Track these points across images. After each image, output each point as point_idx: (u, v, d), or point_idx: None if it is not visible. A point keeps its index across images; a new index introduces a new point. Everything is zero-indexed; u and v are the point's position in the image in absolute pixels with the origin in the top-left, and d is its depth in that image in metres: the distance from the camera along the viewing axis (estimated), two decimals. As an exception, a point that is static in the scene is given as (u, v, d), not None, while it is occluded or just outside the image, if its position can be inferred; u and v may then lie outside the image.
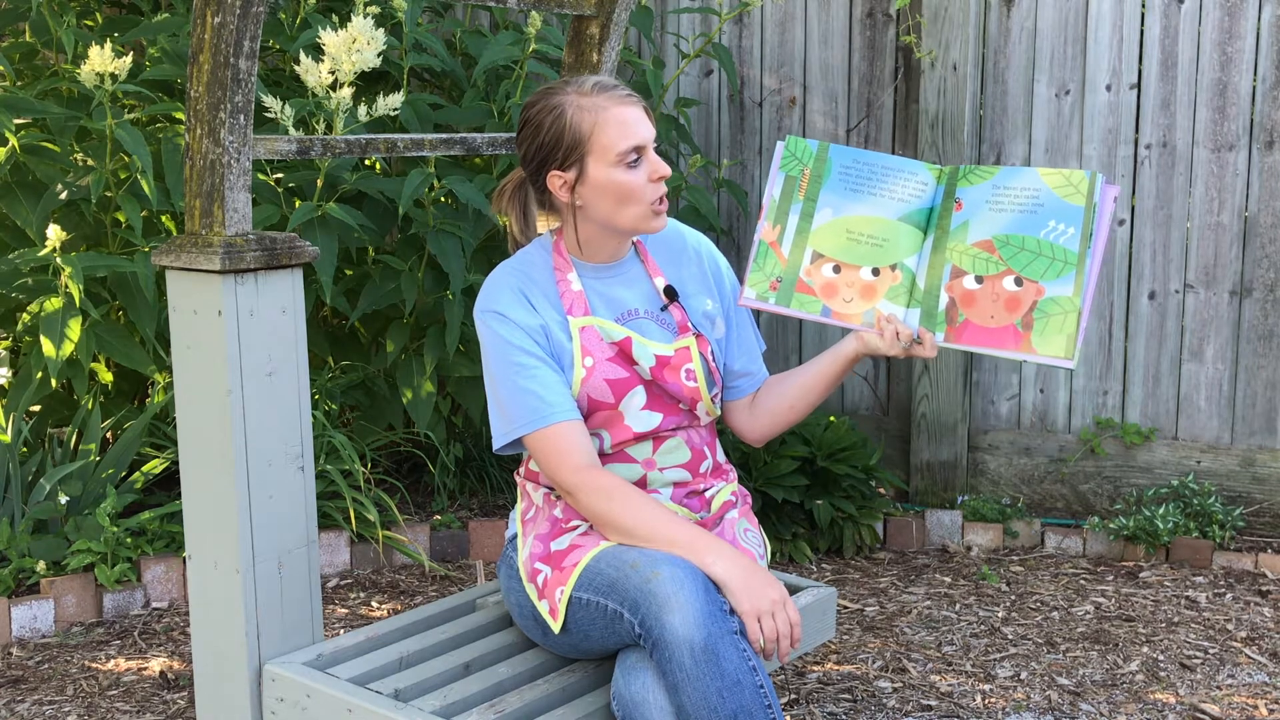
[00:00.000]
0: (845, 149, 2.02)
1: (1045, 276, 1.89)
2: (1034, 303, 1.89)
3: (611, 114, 1.94)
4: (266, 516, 2.06)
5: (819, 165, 2.01)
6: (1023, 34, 3.72)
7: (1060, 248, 1.90)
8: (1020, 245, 1.92)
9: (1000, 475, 3.86)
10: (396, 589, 3.30)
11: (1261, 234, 3.54)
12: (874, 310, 1.97)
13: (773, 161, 2.03)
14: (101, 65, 2.89)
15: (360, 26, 2.55)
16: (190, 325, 2.02)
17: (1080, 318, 1.87)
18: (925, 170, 1.99)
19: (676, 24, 4.18)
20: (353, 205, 3.42)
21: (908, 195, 1.99)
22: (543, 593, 1.98)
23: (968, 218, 1.95)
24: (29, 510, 3.12)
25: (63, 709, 2.64)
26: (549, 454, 1.94)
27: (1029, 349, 1.89)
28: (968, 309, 1.93)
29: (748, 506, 2.23)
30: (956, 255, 1.94)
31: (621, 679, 1.84)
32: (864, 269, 1.98)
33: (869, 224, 1.99)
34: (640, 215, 1.98)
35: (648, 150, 1.97)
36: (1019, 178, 1.94)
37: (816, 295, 1.98)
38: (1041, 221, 1.91)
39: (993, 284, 1.92)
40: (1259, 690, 2.73)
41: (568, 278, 2.03)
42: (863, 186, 2.00)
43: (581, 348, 1.99)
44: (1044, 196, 1.92)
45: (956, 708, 2.64)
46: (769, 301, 1.99)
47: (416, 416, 3.52)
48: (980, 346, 1.92)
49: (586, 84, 1.97)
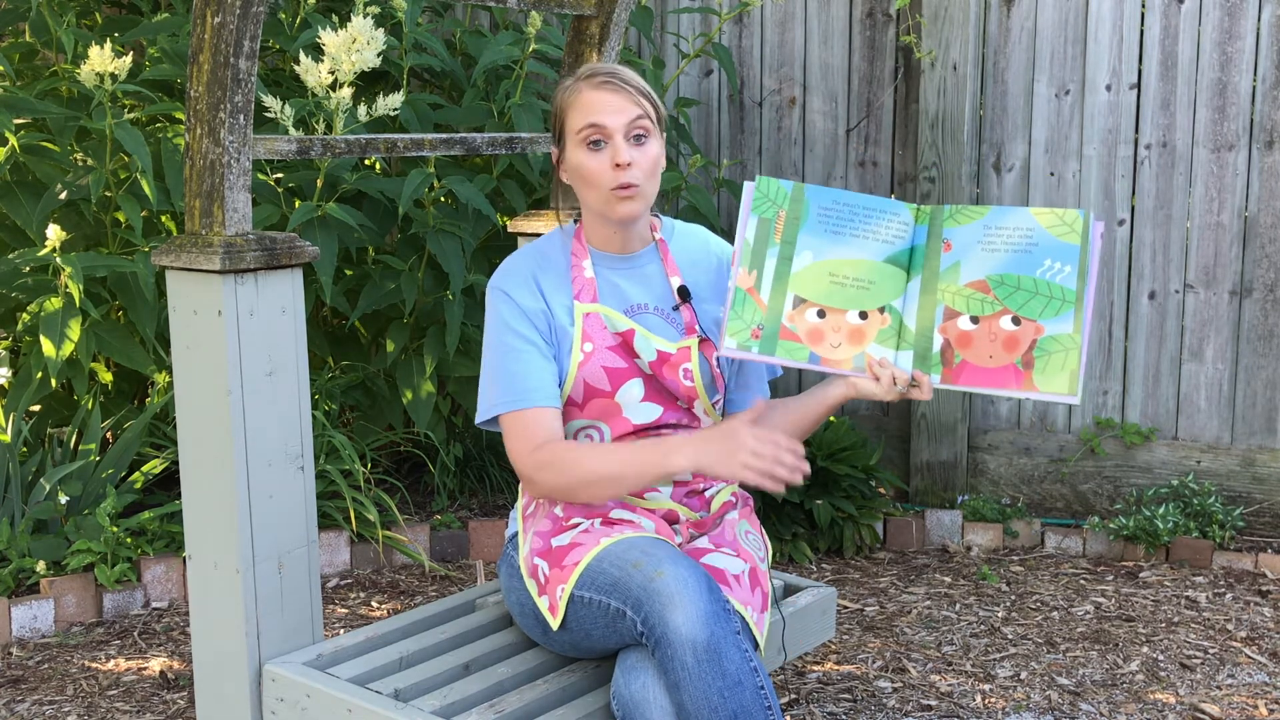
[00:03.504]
0: (821, 189, 1.97)
1: (1044, 315, 1.89)
2: (1034, 341, 1.88)
3: (582, 96, 1.98)
4: (266, 516, 2.06)
5: (795, 206, 1.96)
6: (1023, 34, 3.72)
7: (1058, 286, 1.89)
8: (1016, 284, 1.90)
9: (1000, 475, 3.86)
10: (396, 589, 3.30)
11: (1261, 234, 3.54)
12: (864, 355, 1.93)
13: (742, 203, 1.97)
14: (101, 65, 2.89)
15: (360, 26, 2.55)
16: (190, 325, 2.02)
17: (1081, 354, 1.87)
18: (905, 210, 1.96)
19: (676, 24, 4.18)
20: (353, 205, 3.42)
21: (890, 236, 1.96)
22: (543, 589, 1.98)
23: (958, 258, 1.93)
24: (29, 510, 3.12)
25: (63, 709, 2.64)
26: (515, 436, 1.96)
27: (1031, 387, 1.88)
28: (964, 350, 1.91)
29: (749, 508, 2.23)
30: (949, 296, 1.92)
31: (621, 678, 1.84)
32: (851, 312, 1.94)
33: (853, 266, 1.94)
34: (601, 200, 1.99)
35: (614, 135, 1.95)
36: (1010, 217, 1.92)
37: (802, 341, 1.94)
38: (1037, 261, 1.90)
39: (989, 324, 1.90)
40: (1259, 690, 2.73)
41: (582, 264, 2.06)
42: (844, 228, 1.95)
43: (583, 333, 2.01)
44: (1038, 236, 1.91)
45: (956, 708, 2.64)
46: (752, 350, 1.93)
47: (416, 416, 3.52)
48: (980, 387, 1.90)
49: (585, 70, 2.03)
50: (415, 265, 3.50)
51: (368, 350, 3.79)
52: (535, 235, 2.66)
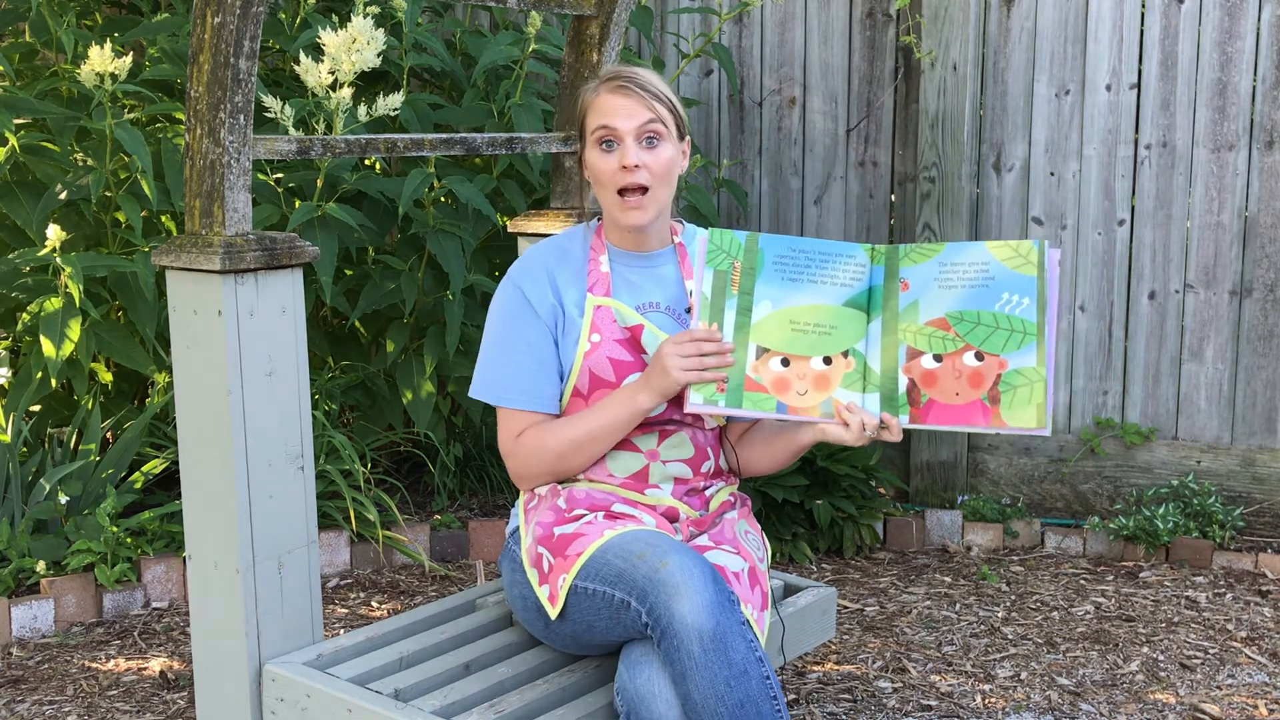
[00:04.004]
0: (775, 238, 1.97)
1: (1006, 349, 1.89)
2: (998, 376, 1.88)
3: (600, 98, 2.04)
4: (266, 516, 2.06)
5: (750, 257, 1.96)
6: (1023, 34, 3.72)
7: (1018, 319, 1.89)
8: (976, 320, 1.90)
9: (1000, 475, 3.86)
10: (396, 589, 3.30)
11: (1261, 234, 3.54)
12: (831, 400, 1.93)
13: (696, 256, 1.97)
14: (101, 65, 2.89)
15: (360, 26, 2.55)
16: (190, 325, 2.02)
17: (1047, 386, 1.86)
18: (861, 251, 1.96)
19: (676, 24, 4.18)
20: (353, 205, 3.42)
21: (848, 279, 1.96)
22: (545, 578, 1.99)
23: (917, 297, 1.93)
24: (29, 510, 3.12)
25: (63, 709, 2.64)
26: (500, 428, 2.10)
27: (1000, 422, 1.87)
28: (930, 388, 1.90)
29: (748, 509, 2.23)
30: (910, 336, 1.92)
31: (626, 673, 1.84)
32: (815, 359, 1.94)
33: (814, 313, 1.94)
34: (610, 202, 2.05)
35: (624, 138, 2.00)
36: (966, 253, 1.93)
37: (768, 392, 1.93)
38: (995, 295, 1.90)
39: (953, 361, 1.90)
40: (1259, 690, 2.73)
41: (599, 259, 2.11)
42: (801, 275, 1.95)
43: (592, 324, 2.05)
44: (994, 269, 1.91)
45: (956, 708, 2.64)
46: (719, 404, 1.93)
47: (416, 416, 3.52)
48: (948, 425, 1.89)
49: (606, 72, 2.09)
50: (415, 265, 3.50)
51: (368, 350, 3.79)
52: (535, 235, 2.67)
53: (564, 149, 2.64)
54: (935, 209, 3.77)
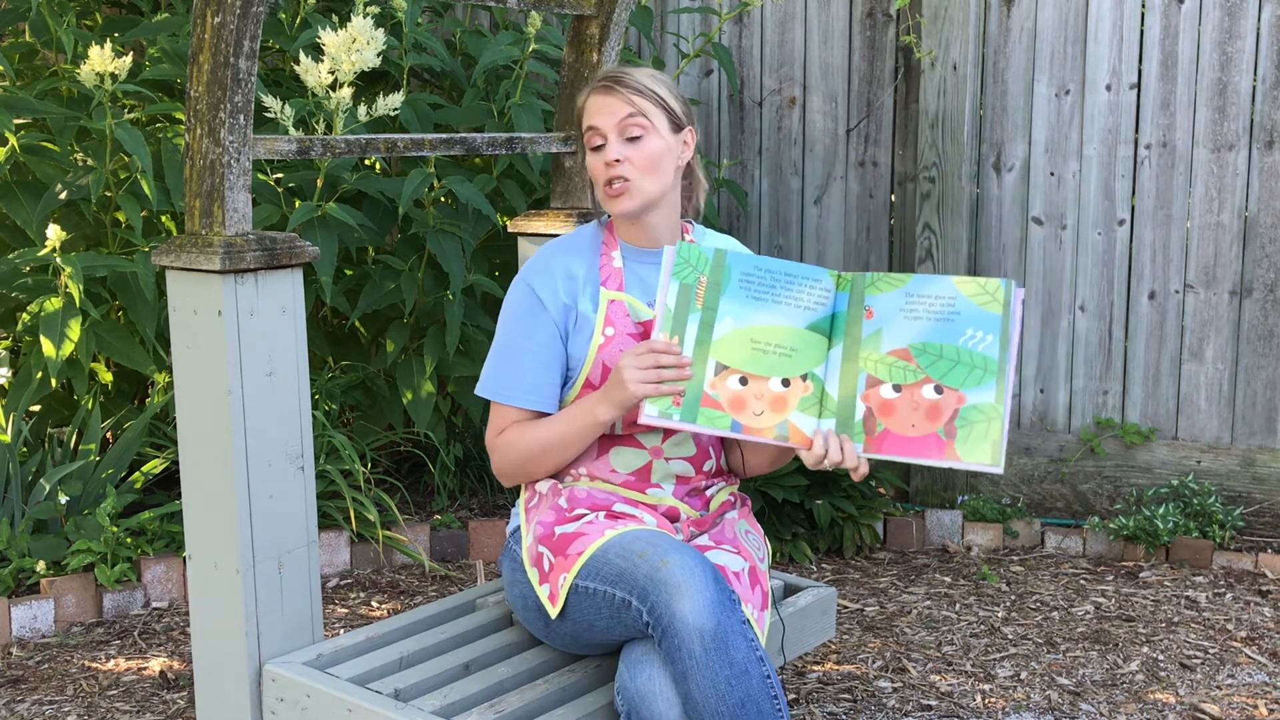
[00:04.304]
0: (743, 255, 1.96)
1: (966, 384, 1.87)
2: (956, 410, 1.87)
3: (590, 101, 2.09)
4: (266, 516, 2.06)
5: (716, 272, 1.94)
6: (1023, 34, 3.72)
7: (980, 355, 1.88)
8: (938, 353, 1.89)
9: (1000, 475, 3.86)
10: (396, 589, 3.30)
11: (1261, 234, 3.54)
12: (787, 423, 1.91)
13: (663, 268, 1.95)
14: (101, 65, 2.89)
15: (360, 26, 2.55)
16: (190, 325, 2.02)
17: (1003, 424, 1.85)
18: (827, 276, 1.96)
19: (676, 24, 4.18)
20: (353, 205, 3.42)
21: (812, 302, 1.95)
22: (545, 577, 1.99)
23: (880, 326, 1.92)
24: (29, 510, 3.12)
25: (63, 709, 2.64)
26: (490, 419, 2.14)
27: (953, 456, 1.86)
28: (886, 418, 1.89)
29: (748, 509, 2.24)
30: (871, 364, 1.91)
31: (626, 672, 1.84)
32: (773, 380, 1.92)
33: (776, 333, 1.93)
34: (601, 196, 2.09)
35: (607, 135, 2.04)
36: (932, 286, 1.92)
37: (724, 409, 1.91)
38: (959, 329, 1.89)
39: (911, 392, 1.89)
40: (1259, 690, 2.73)
41: (611, 254, 2.13)
42: (766, 295, 1.94)
43: (606, 318, 2.06)
44: (960, 304, 1.90)
45: (956, 708, 2.64)
46: (673, 418, 1.90)
47: (416, 416, 3.52)
48: (902, 456, 1.88)
49: (598, 75, 2.12)
50: (415, 265, 3.50)
51: (368, 350, 3.79)
52: (535, 235, 2.67)
53: (564, 149, 2.64)
54: (935, 209, 3.77)
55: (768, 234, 4.13)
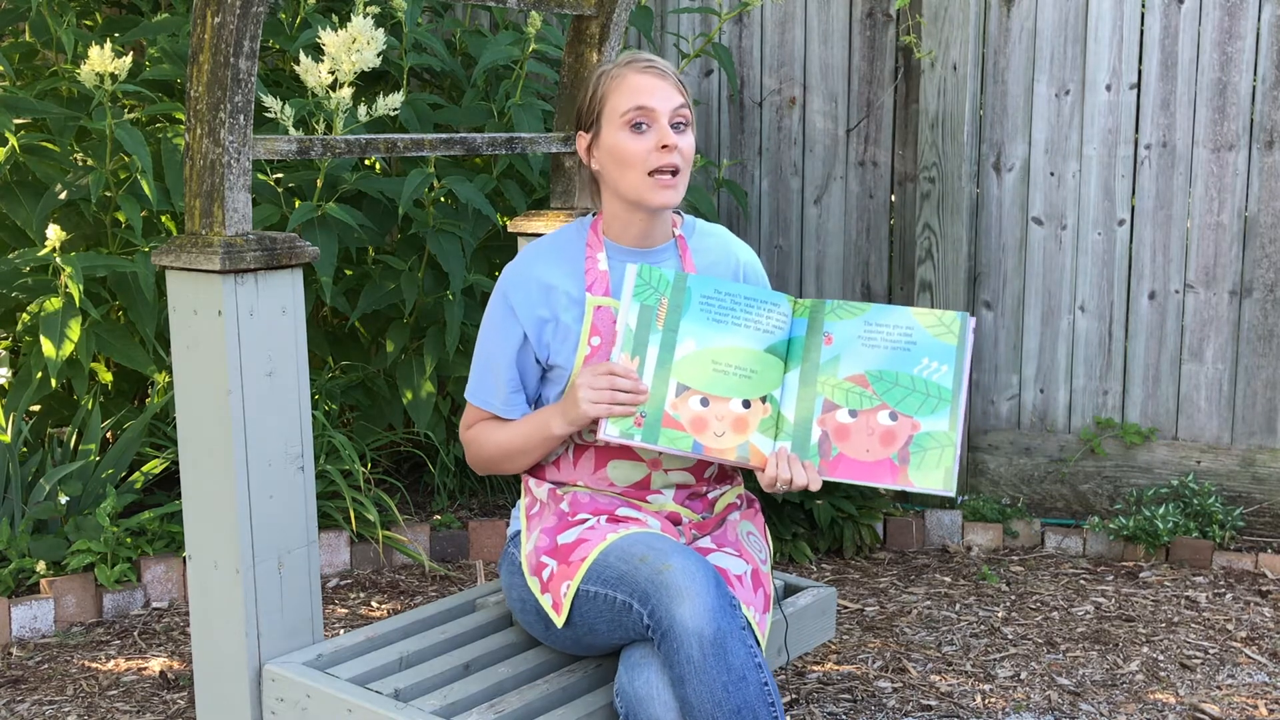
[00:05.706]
0: (704, 279, 1.98)
1: (920, 412, 1.92)
2: (910, 437, 1.92)
3: (627, 80, 2.01)
4: (266, 516, 2.06)
5: (677, 295, 1.96)
6: (1023, 34, 3.72)
7: (934, 384, 1.93)
8: (894, 381, 1.94)
9: (1000, 475, 3.86)
10: (396, 589, 3.30)
11: (1261, 234, 3.54)
12: (748, 444, 1.93)
13: (624, 289, 1.97)
14: (101, 65, 2.89)
15: (360, 26, 2.55)
16: (190, 325, 2.02)
17: (955, 451, 1.90)
18: (785, 301, 1.99)
19: (676, 24, 4.18)
20: (353, 205, 3.42)
21: (771, 326, 1.97)
22: (546, 586, 1.98)
23: (839, 352, 1.96)
24: (29, 510, 3.12)
25: (63, 709, 2.64)
26: (465, 412, 2.17)
27: (906, 481, 1.91)
28: (842, 443, 1.93)
29: (754, 510, 2.22)
30: (829, 389, 1.94)
31: (625, 675, 1.84)
32: (734, 401, 1.94)
33: (737, 355, 1.95)
34: (638, 183, 1.99)
35: (659, 118, 1.98)
36: (891, 316, 1.97)
37: (685, 430, 1.93)
38: (915, 359, 1.94)
39: (867, 418, 1.93)
40: (1259, 690, 2.73)
41: (597, 256, 2.08)
42: (726, 317, 1.97)
43: (592, 326, 2.03)
44: (917, 334, 1.95)
45: (956, 708, 2.64)
46: (635, 438, 1.92)
47: (416, 417, 3.52)
48: (856, 479, 1.92)
49: (625, 56, 2.06)
50: (415, 265, 3.50)
51: (368, 350, 3.79)
52: (535, 235, 2.66)
53: (564, 149, 2.64)
54: (935, 209, 3.77)
55: (767, 234, 4.13)
